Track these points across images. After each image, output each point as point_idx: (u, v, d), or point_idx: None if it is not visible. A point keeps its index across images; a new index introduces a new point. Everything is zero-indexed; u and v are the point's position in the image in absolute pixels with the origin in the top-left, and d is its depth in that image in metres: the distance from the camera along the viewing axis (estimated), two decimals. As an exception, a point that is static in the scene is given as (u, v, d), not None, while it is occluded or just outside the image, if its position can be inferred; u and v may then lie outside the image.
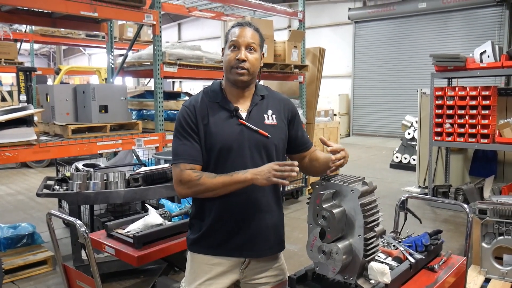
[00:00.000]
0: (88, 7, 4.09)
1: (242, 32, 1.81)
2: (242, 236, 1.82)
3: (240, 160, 1.78)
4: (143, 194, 3.62)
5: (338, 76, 16.05)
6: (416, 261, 1.95)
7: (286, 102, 1.98)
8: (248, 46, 1.80)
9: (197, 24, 20.27)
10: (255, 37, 1.84)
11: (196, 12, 7.44)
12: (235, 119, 1.82)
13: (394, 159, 9.48)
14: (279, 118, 1.90)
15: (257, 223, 1.84)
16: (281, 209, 1.99)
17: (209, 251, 1.85)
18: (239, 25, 1.84)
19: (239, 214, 1.81)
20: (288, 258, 4.08)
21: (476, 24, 12.77)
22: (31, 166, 9.51)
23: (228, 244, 1.83)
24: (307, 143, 2.02)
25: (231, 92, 1.87)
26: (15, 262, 3.94)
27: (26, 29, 9.82)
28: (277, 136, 1.87)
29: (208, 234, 1.84)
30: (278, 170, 1.61)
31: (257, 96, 1.90)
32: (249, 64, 1.79)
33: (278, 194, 1.94)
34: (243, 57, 1.78)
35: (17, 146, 3.68)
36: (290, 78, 6.66)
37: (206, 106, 1.83)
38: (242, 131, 1.81)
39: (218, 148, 1.78)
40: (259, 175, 1.64)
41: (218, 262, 1.85)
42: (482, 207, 3.47)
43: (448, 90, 5.76)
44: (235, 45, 1.80)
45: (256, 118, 1.85)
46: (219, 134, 1.78)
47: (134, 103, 5.86)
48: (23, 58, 14.44)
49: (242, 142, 1.80)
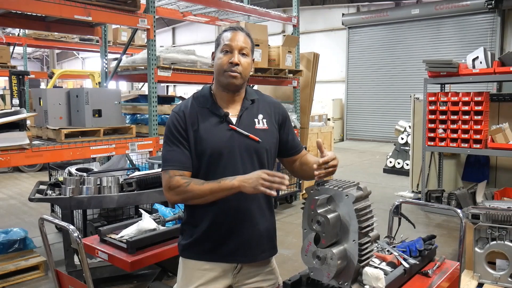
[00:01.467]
0: (82, 11, 4.08)
1: (235, 36, 1.80)
2: (234, 241, 1.81)
3: (231, 166, 1.78)
4: (137, 199, 3.61)
5: (332, 81, 16.13)
6: (410, 266, 1.95)
7: (277, 106, 1.98)
8: (241, 50, 1.80)
9: (191, 29, 20.29)
10: (247, 42, 1.83)
11: (191, 17, 7.45)
12: (225, 124, 1.81)
13: (387, 164, 9.51)
14: (269, 122, 1.89)
15: (249, 228, 1.83)
16: (273, 214, 1.98)
17: (201, 257, 1.84)
18: (231, 29, 1.84)
19: (231, 220, 1.80)
20: (282, 263, 4.07)
21: (469, 31, 12.91)
22: (23, 171, 9.44)
23: (220, 250, 1.82)
24: (297, 146, 2.01)
25: (222, 96, 1.86)
26: (7, 267, 3.90)
27: (19, 33, 9.76)
28: (268, 141, 1.87)
29: (200, 240, 1.83)
30: (267, 179, 1.60)
31: (247, 101, 1.89)
32: (242, 68, 1.79)
33: (270, 198, 1.92)
34: (237, 60, 1.77)
35: (10, 151, 3.65)
36: (284, 83, 6.68)
37: (195, 111, 1.82)
38: (232, 136, 1.80)
39: (209, 153, 1.77)
40: (246, 183, 1.63)
41: (210, 267, 1.84)
42: (475, 212, 3.49)
43: (441, 96, 5.80)
44: (228, 49, 1.79)
45: (246, 123, 1.84)
46: (209, 139, 1.78)
47: (128, 107, 5.84)
48: (16, 61, 14.36)
49: (233, 147, 1.79)
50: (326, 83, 15.81)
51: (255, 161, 1.82)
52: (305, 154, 2.03)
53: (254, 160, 1.82)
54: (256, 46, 5.94)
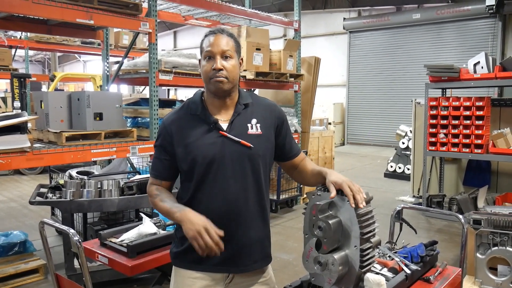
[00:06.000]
0: (84, 15, 4.09)
1: (215, 41, 1.75)
2: (225, 251, 1.71)
3: (222, 173, 1.74)
4: (137, 203, 3.61)
5: (333, 85, 16.13)
6: (412, 272, 1.94)
7: (273, 108, 1.91)
8: (223, 54, 1.74)
9: (193, 32, 20.33)
10: (229, 44, 1.77)
11: (192, 21, 7.46)
12: (215, 131, 1.77)
13: (388, 169, 9.50)
14: (264, 127, 1.83)
15: (240, 238, 1.78)
16: (267, 222, 1.91)
17: (191, 266, 1.80)
18: (211, 33, 1.78)
19: (221, 229, 1.68)
20: (283, 268, 4.06)
21: (470, 35, 12.92)
22: (24, 173, 9.44)
23: (211, 259, 1.75)
24: (295, 150, 1.96)
25: (213, 102, 1.82)
26: (7, 270, 3.89)
27: (21, 36, 9.78)
28: (262, 146, 1.81)
29: (190, 249, 1.74)
30: (204, 238, 1.57)
31: (240, 105, 1.83)
32: (226, 72, 1.74)
33: (263, 206, 1.85)
34: (219, 66, 1.72)
35: (11, 153, 3.64)
36: (286, 87, 6.68)
37: (185, 121, 1.80)
38: (223, 143, 1.75)
39: (200, 161, 1.74)
40: (186, 225, 1.62)
41: (201, 276, 1.79)
42: (476, 217, 3.47)
43: (442, 100, 5.79)
44: (209, 55, 1.75)
45: (238, 129, 1.79)
46: (200, 147, 1.75)
47: (129, 111, 5.84)
48: (17, 64, 14.40)
49: (223, 154, 1.75)
50: (327, 87, 15.81)
51: (247, 168, 1.77)
52: (304, 158, 1.98)
53: (247, 167, 1.77)
54: (258, 50, 5.95)
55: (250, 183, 1.78)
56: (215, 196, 1.75)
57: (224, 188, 1.75)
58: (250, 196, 1.78)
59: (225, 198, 1.74)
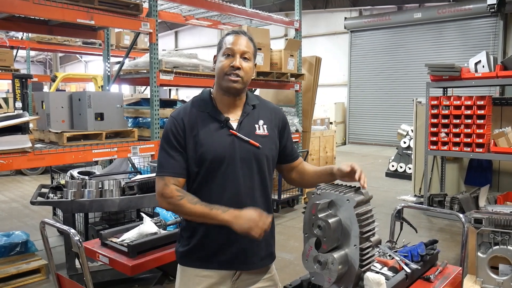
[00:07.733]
0: (85, 15, 4.10)
1: (237, 40, 1.79)
2: (232, 249, 1.78)
3: (231, 172, 1.76)
4: (138, 202, 3.61)
5: (334, 84, 16.13)
6: (412, 271, 1.94)
7: (277, 112, 1.96)
8: (243, 54, 1.78)
9: (193, 32, 20.35)
10: (249, 46, 1.81)
11: (193, 21, 7.46)
12: (225, 129, 1.79)
13: (389, 168, 9.50)
14: (270, 128, 1.88)
15: (247, 236, 1.76)
16: (272, 220, 1.95)
17: (198, 264, 1.81)
18: (234, 33, 1.82)
19: (228, 228, 1.71)
20: (284, 267, 4.06)
21: (471, 34, 12.90)
22: (25, 173, 9.45)
23: (219, 257, 1.79)
24: (295, 153, 2.02)
25: (222, 100, 1.84)
26: (8, 270, 3.90)
27: (22, 36, 9.81)
28: (268, 147, 1.85)
29: (198, 248, 1.80)
30: (260, 227, 1.65)
31: (248, 106, 1.87)
32: (243, 72, 1.77)
33: (268, 204, 1.89)
34: (238, 64, 1.75)
35: (12, 154, 3.65)
36: (287, 86, 6.68)
37: (195, 116, 1.80)
38: (233, 142, 1.78)
39: (210, 159, 1.75)
40: (236, 224, 1.65)
41: (209, 274, 1.81)
42: (477, 216, 3.47)
43: (443, 100, 5.79)
44: (229, 53, 1.78)
45: (247, 128, 1.82)
46: (210, 145, 1.75)
47: (130, 111, 5.85)
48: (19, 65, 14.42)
49: (234, 153, 1.77)
50: (328, 86, 15.81)
51: (254, 167, 1.80)
52: (301, 162, 2.03)
53: (254, 166, 1.80)
54: (258, 50, 5.94)
55: (257, 182, 1.82)
56: (224, 194, 1.76)
57: (233, 186, 1.77)
58: (257, 194, 1.82)
59: (234, 196, 1.76)
